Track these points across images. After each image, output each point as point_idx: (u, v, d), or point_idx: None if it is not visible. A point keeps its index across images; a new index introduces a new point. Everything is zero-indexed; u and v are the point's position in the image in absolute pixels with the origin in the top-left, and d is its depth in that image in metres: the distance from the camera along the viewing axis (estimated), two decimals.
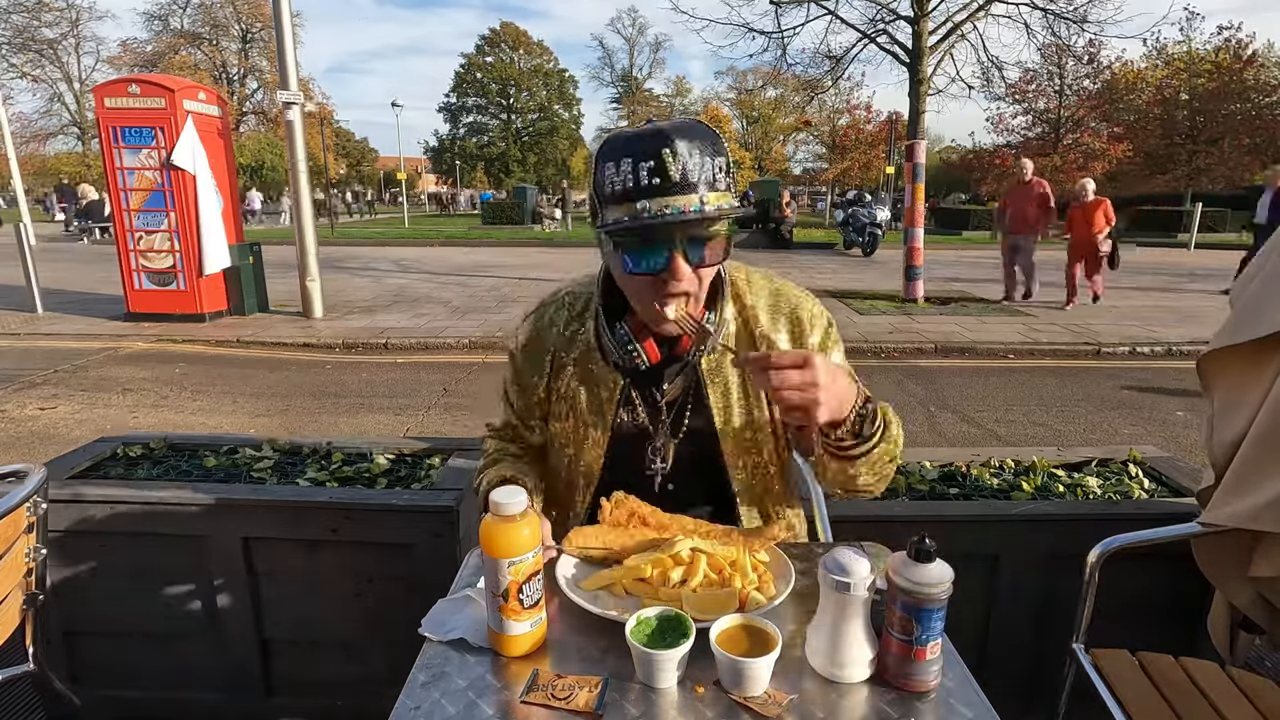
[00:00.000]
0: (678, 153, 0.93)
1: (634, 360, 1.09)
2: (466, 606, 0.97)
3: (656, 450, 1.16)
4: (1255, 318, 1.28)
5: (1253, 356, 1.29)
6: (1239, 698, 1.27)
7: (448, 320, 8.10)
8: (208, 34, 37.50)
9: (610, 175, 0.97)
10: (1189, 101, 28.31)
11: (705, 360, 1.13)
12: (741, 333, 1.16)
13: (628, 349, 1.09)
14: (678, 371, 1.15)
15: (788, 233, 17.96)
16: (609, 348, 1.13)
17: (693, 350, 1.10)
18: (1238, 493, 1.25)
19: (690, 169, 0.94)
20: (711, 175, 0.96)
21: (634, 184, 0.94)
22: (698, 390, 1.15)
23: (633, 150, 0.95)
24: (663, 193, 0.93)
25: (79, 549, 1.76)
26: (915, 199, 8.52)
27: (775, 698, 0.80)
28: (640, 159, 0.94)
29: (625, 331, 1.09)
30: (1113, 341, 6.95)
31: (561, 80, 51.95)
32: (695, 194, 0.94)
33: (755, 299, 1.17)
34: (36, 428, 4.61)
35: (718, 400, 1.14)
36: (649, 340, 1.08)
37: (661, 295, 1.00)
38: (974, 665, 0.88)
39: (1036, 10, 10.47)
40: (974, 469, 2.00)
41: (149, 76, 7.56)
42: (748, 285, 1.18)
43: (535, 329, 1.22)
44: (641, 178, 0.93)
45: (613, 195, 0.97)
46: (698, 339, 1.08)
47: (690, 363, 1.14)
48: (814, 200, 42.44)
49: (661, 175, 0.93)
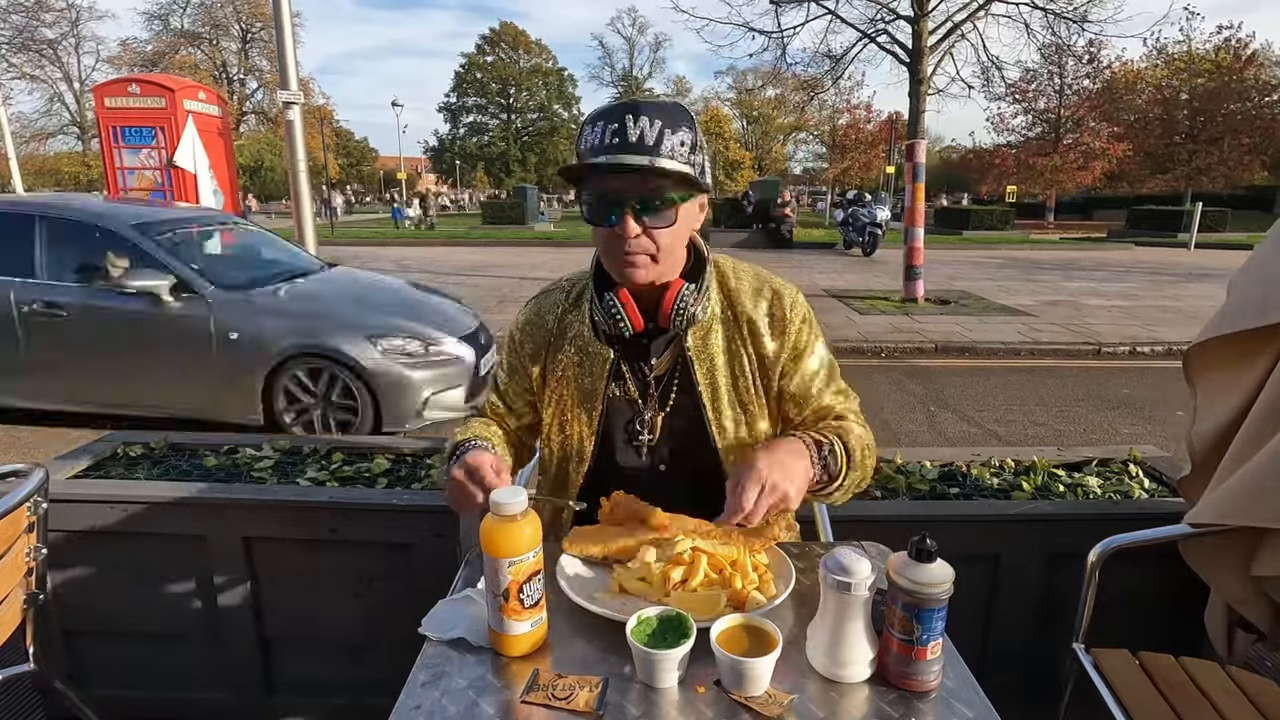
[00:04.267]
0: (639, 120, 1.02)
1: (619, 325, 1.14)
2: (467, 606, 0.97)
3: (644, 423, 1.21)
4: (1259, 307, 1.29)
5: (1240, 349, 1.31)
6: (1239, 697, 1.27)
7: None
8: (208, 34, 37.50)
9: (585, 135, 1.07)
10: (1189, 101, 28.33)
11: (691, 336, 1.18)
12: (725, 312, 1.21)
13: (613, 315, 1.14)
14: (665, 346, 1.20)
15: (787, 233, 17.96)
16: (598, 318, 1.18)
17: (672, 322, 1.14)
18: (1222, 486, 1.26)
19: (648, 135, 1.02)
20: (672, 147, 1.03)
21: (598, 142, 1.04)
22: (684, 365, 1.19)
23: (604, 115, 1.05)
24: (619, 150, 1.02)
25: (79, 549, 1.76)
26: (915, 199, 8.52)
27: (776, 698, 0.80)
28: (609, 121, 1.03)
29: (611, 298, 1.14)
30: (1113, 341, 6.96)
31: (561, 80, 51.97)
32: (648, 157, 1.01)
33: (739, 282, 1.23)
34: (36, 427, 4.61)
35: (704, 375, 1.19)
36: (632, 307, 1.14)
37: (621, 251, 1.08)
38: (974, 665, 0.88)
39: (1036, 10, 10.47)
40: (974, 469, 2.00)
41: (149, 76, 7.57)
42: (733, 271, 1.24)
43: (535, 310, 1.29)
44: (605, 137, 1.03)
45: (582, 150, 1.07)
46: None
47: (677, 337, 1.19)
48: (814, 200, 42.44)
49: (620, 136, 1.02)
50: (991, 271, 13.00)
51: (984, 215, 23.65)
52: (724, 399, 1.19)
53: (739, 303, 1.21)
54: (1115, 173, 29.16)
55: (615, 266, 1.12)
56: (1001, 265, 14.14)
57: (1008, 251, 17.37)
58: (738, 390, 1.20)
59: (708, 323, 1.19)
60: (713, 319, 1.19)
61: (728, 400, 1.19)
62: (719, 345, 1.19)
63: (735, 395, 1.20)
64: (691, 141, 1.05)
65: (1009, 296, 9.78)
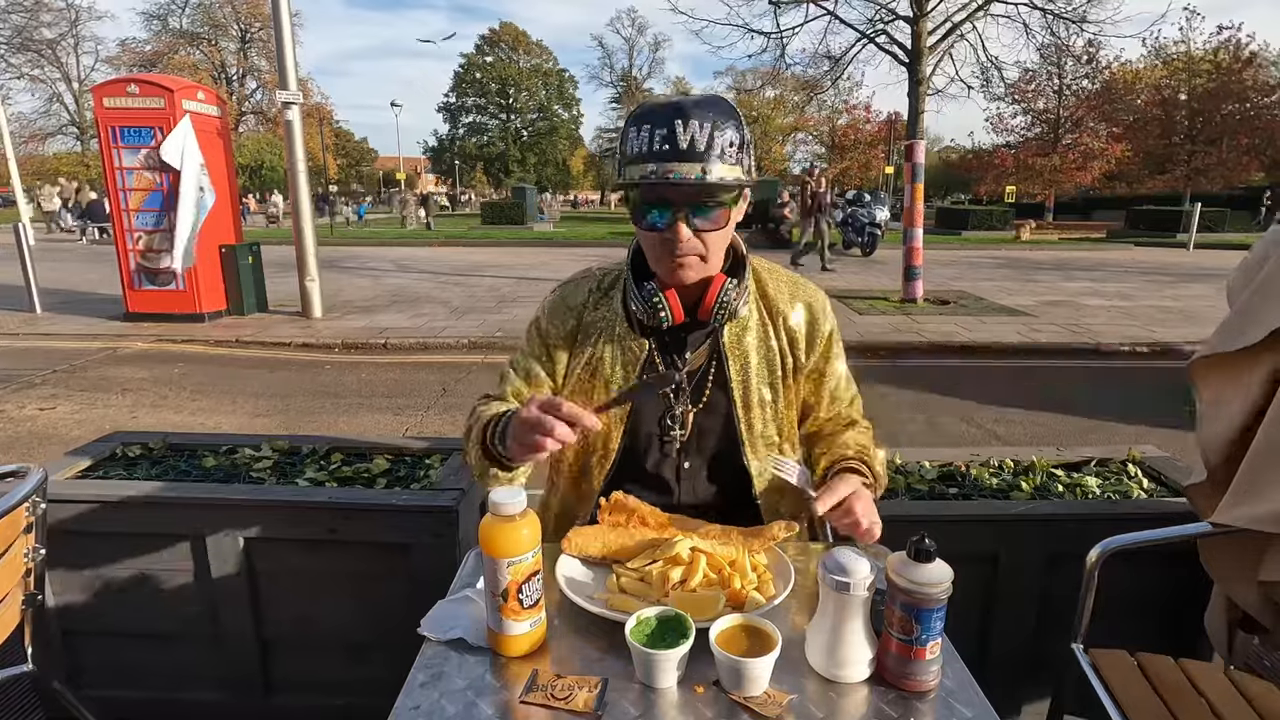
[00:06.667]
0: (689, 124, 1.02)
1: (658, 315, 1.13)
2: (466, 606, 0.97)
3: (675, 418, 1.19)
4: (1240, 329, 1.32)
5: (1236, 362, 1.33)
6: (1238, 699, 1.27)
7: (447, 320, 8.10)
8: (207, 34, 37.51)
9: (632, 137, 1.06)
10: (1188, 102, 28.34)
11: (727, 334, 1.19)
12: (761, 313, 1.22)
13: (653, 303, 1.13)
14: (701, 340, 1.20)
15: (787, 233, 17.96)
16: (635, 308, 1.16)
17: (714, 316, 1.14)
18: (1256, 495, 1.26)
19: (699, 140, 1.02)
20: (721, 148, 1.03)
21: (647, 148, 1.03)
22: (719, 361, 1.19)
23: (653, 118, 1.04)
24: (670, 159, 1.01)
25: (78, 549, 1.76)
26: (915, 199, 8.52)
27: (775, 698, 0.80)
28: (657, 126, 1.03)
29: (652, 287, 1.13)
30: (1113, 341, 6.96)
31: (561, 80, 51.95)
32: (700, 163, 1.02)
33: (776, 286, 1.24)
34: (36, 428, 4.61)
35: (737, 373, 1.19)
36: (674, 297, 1.13)
37: (671, 254, 1.08)
38: (974, 665, 0.88)
39: (1036, 10, 10.48)
40: (974, 469, 2.00)
41: (148, 76, 7.56)
42: (768, 273, 1.25)
43: (562, 297, 1.26)
44: (655, 143, 1.02)
45: (631, 156, 1.06)
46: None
47: (713, 332, 1.19)
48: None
49: (670, 143, 1.01)
50: (991, 272, 13.00)
51: (983, 215, 23.66)
52: (754, 398, 1.20)
53: (775, 305, 1.22)
54: (1114, 173, 29.18)
55: (664, 268, 1.12)
56: (1001, 265, 14.15)
57: (1007, 252, 17.38)
58: (768, 388, 1.21)
59: (744, 321, 1.20)
60: (749, 317, 1.20)
61: (757, 400, 1.20)
62: (753, 344, 1.20)
63: (763, 395, 1.21)
64: (739, 140, 1.05)
65: (1008, 297, 9.78)
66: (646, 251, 1.15)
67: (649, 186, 1.04)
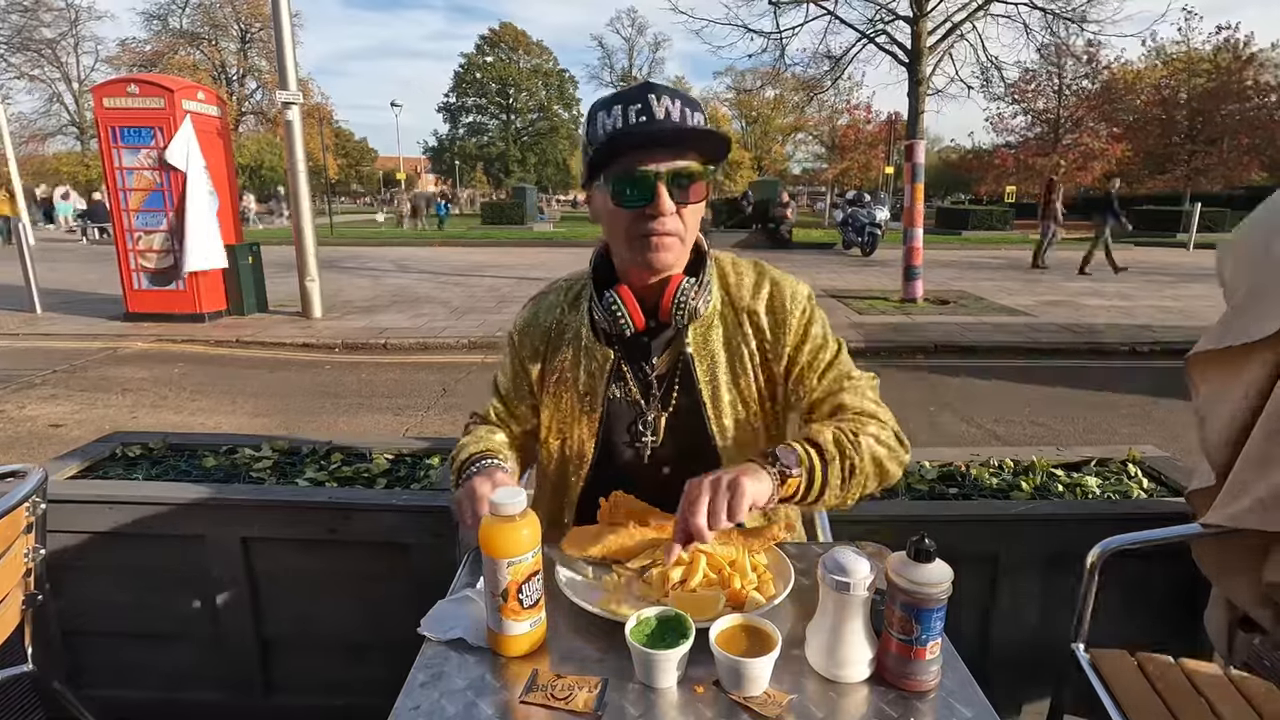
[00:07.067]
0: (662, 98, 1.02)
1: (620, 324, 1.12)
2: (466, 606, 0.96)
3: (647, 424, 1.19)
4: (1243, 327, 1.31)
5: (1231, 359, 1.32)
6: (1237, 699, 1.27)
7: (447, 320, 8.10)
8: (207, 34, 37.46)
9: (601, 121, 1.04)
10: (1188, 102, 28.32)
11: (692, 335, 1.17)
12: (726, 308, 1.20)
13: (614, 312, 1.12)
14: (665, 344, 1.19)
15: (787, 233, 17.96)
16: (599, 318, 1.16)
17: (675, 316, 1.12)
18: (1240, 492, 1.26)
19: (673, 111, 1.02)
20: (697, 121, 1.04)
21: (623, 123, 1.01)
22: (685, 364, 1.18)
23: (623, 98, 1.03)
24: (648, 127, 1.01)
25: (78, 549, 1.76)
26: (915, 199, 8.52)
27: (775, 698, 0.80)
28: (630, 102, 1.02)
29: (612, 296, 1.12)
30: (1113, 341, 6.96)
31: (562, 80, 51.95)
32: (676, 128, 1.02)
33: (739, 277, 1.22)
34: (36, 428, 4.61)
35: (704, 373, 1.17)
36: (633, 303, 1.12)
37: (650, 233, 1.05)
38: (974, 665, 0.88)
39: (1036, 10, 10.46)
40: (973, 469, 2.00)
41: (148, 76, 7.56)
42: (732, 266, 1.23)
43: (534, 312, 1.28)
44: (630, 116, 1.01)
45: (601, 136, 1.03)
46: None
47: (677, 335, 1.17)
48: (813, 200, 42.44)
49: (648, 114, 1.01)
50: (991, 272, 13.01)
51: (983, 215, 23.65)
52: (724, 397, 1.18)
53: (739, 297, 1.19)
54: (1114, 173, 29.17)
55: (642, 251, 1.08)
56: (1001, 265, 14.16)
57: (1007, 252, 17.37)
58: (739, 387, 1.18)
59: (708, 319, 1.17)
60: (713, 315, 1.18)
61: (728, 399, 1.18)
62: (719, 342, 1.18)
63: (736, 393, 1.18)
64: (705, 121, 1.06)
65: (1008, 296, 9.78)
66: (622, 241, 1.10)
67: (625, 160, 1.02)
